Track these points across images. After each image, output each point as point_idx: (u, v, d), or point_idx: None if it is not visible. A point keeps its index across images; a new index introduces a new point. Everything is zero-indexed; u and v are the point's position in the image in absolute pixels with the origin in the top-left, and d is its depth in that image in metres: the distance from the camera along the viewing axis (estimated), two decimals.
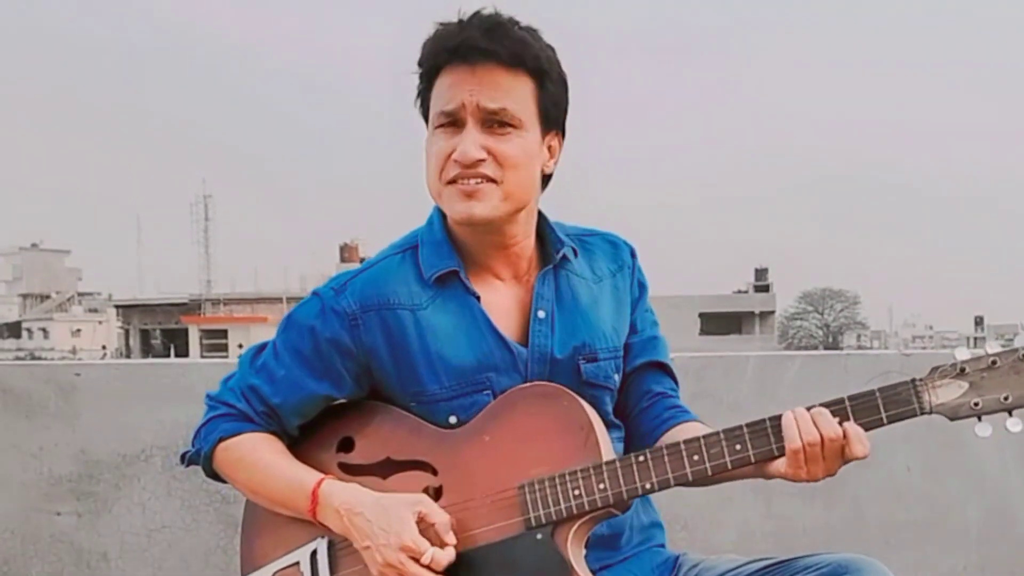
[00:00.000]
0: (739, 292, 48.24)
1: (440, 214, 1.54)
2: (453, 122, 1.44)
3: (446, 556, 1.37)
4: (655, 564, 1.55)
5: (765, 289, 47.31)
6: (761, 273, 49.34)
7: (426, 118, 1.51)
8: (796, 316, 57.37)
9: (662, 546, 1.59)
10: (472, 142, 1.42)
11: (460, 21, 1.44)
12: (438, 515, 1.39)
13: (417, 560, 1.36)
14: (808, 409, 1.34)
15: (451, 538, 1.38)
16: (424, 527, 1.38)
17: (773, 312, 46.30)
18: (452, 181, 1.44)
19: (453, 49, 1.43)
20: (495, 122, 1.43)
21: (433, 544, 1.37)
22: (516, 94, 1.44)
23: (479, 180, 1.42)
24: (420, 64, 1.49)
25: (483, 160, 1.42)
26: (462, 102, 1.42)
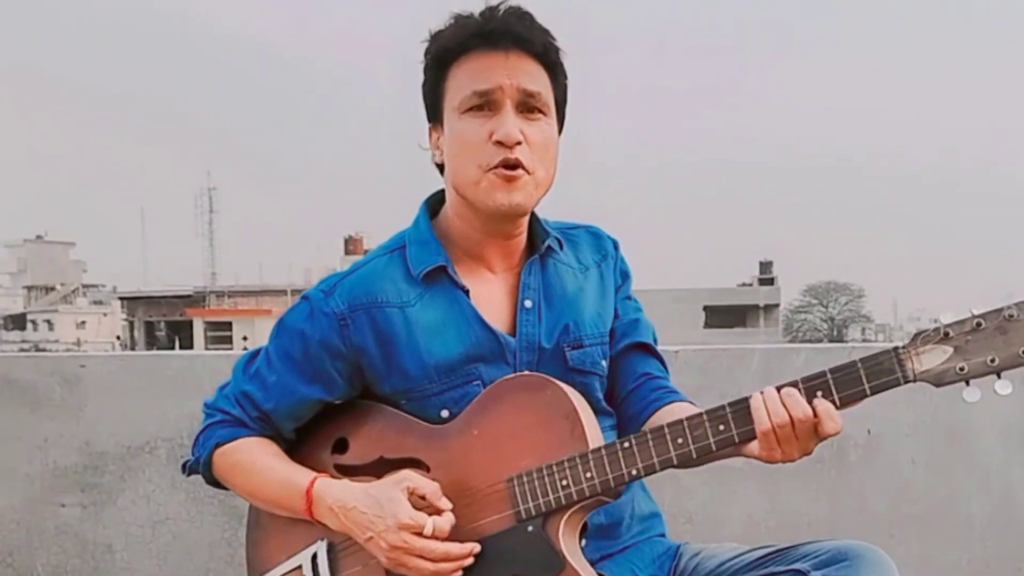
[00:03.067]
0: (744, 285, 48.07)
1: (425, 214, 1.54)
2: (486, 104, 1.43)
3: (446, 521, 1.37)
4: (656, 554, 1.54)
5: (770, 282, 47.17)
6: (766, 266, 49.19)
7: (433, 107, 1.50)
8: (801, 309, 57.14)
9: (662, 535, 1.59)
10: (513, 123, 1.41)
11: (483, 11, 1.44)
12: (426, 485, 1.39)
13: (420, 534, 1.36)
14: (779, 388, 1.31)
15: (445, 503, 1.39)
16: (416, 501, 1.38)
17: (778, 305, 46.16)
18: (493, 168, 1.42)
19: (486, 34, 1.43)
20: (529, 107, 1.43)
21: (430, 514, 1.37)
22: (543, 82, 1.45)
23: (516, 164, 1.42)
24: (438, 51, 1.47)
25: (520, 143, 1.42)
26: (499, 84, 1.42)
